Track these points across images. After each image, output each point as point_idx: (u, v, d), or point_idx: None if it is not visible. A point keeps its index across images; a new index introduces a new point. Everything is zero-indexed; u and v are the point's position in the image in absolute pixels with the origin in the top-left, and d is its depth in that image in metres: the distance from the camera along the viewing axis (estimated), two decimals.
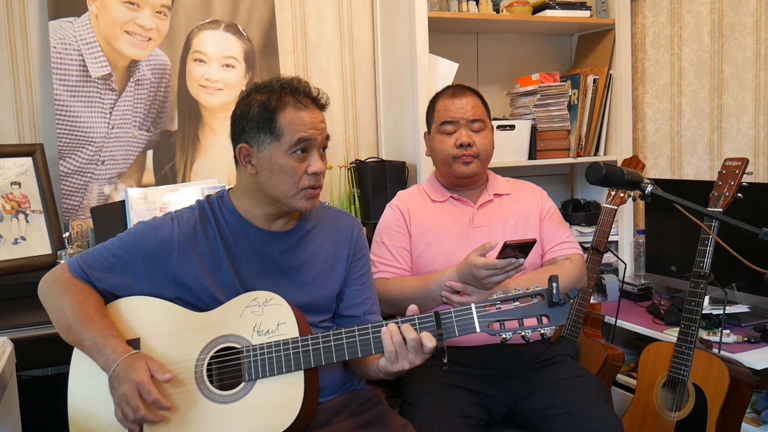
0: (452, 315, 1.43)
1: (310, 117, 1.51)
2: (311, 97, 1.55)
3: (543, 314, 1.41)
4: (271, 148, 1.50)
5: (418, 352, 1.41)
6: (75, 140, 2.37)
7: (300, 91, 1.53)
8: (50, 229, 2.25)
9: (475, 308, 1.42)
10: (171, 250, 1.54)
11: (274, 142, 1.50)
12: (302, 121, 1.50)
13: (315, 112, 1.54)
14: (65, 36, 2.34)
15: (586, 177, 1.59)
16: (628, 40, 2.99)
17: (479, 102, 2.03)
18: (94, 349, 1.44)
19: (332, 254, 1.65)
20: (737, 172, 2.05)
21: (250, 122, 1.51)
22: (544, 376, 1.86)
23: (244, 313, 1.50)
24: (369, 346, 1.44)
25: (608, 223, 2.43)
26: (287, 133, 1.49)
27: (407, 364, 1.41)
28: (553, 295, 1.39)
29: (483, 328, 1.41)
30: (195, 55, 2.55)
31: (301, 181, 1.52)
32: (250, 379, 1.45)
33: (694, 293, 2.02)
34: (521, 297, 1.42)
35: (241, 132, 1.54)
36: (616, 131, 3.01)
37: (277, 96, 1.51)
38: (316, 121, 1.52)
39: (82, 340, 1.46)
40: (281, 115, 1.49)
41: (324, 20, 2.84)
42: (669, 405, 2.05)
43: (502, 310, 1.42)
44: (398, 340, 1.41)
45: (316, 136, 1.52)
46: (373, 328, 1.45)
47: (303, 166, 1.51)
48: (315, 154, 1.53)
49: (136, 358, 1.41)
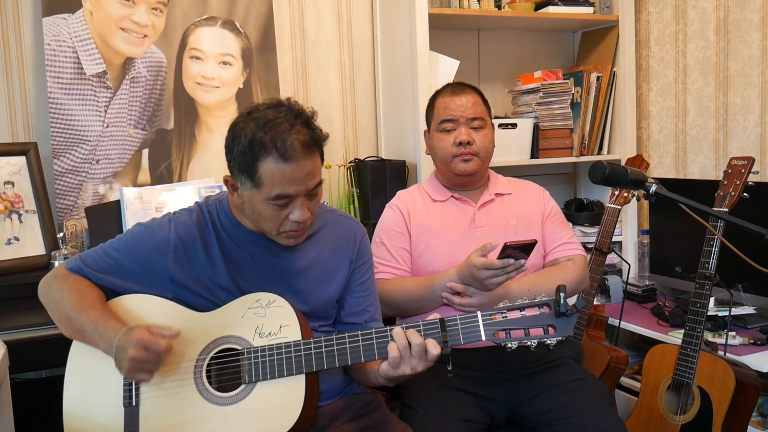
0: (458, 322, 1.43)
1: (293, 172, 1.40)
2: (299, 140, 1.41)
3: (550, 324, 1.41)
4: (251, 193, 1.45)
5: (421, 357, 1.41)
6: (69, 139, 2.37)
7: (286, 134, 1.40)
8: (44, 229, 2.25)
9: (481, 316, 1.42)
10: (167, 254, 1.54)
11: (253, 188, 1.43)
12: (284, 176, 1.40)
13: (301, 163, 1.41)
14: (59, 33, 2.34)
15: (589, 176, 1.59)
16: (632, 37, 2.99)
17: (479, 100, 2.03)
18: (95, 333, 1.44)
19: (334, 260, 1.63)
20: (743, 172, 2.05)
21: (234, 160, 1.45)
22: (547, 378, 1.86)
23: (246, 315, 1.50)
24: (372, 351, 1.44)
25: (612, 224, 2.44)
26: (267, 185, 1.41)
27: (409, 370, 1.41)
28: (560, 305, 1.39)
29: (489, 337, 1.41)
30: (191, 52, 2.55)
31: (282, 225, 1.48)
32: (250, 381, 1.45)
33: (699, 294, 2.02)
34: (528, 306, 1.42)
35: (228, 163, 1.48)
36: (620, 130, 3.01)
37: (260, 140, 1.39)
38: (299, 176, 1.41)
39: (83, 326, 1.46)
40: (262, 165, 1.40)
41: (322, 16, 2.84)
42: (674, 408, 2.05)
43: (508, 318, 1.42)
44: (403, 343, 1.41)
45: (297, 193, 1.43)
46: (377, 333, 1.45)
47: (284, 213, 1.46)
48: (298, 202, 1.45)
49: (134, 327, 1.41)
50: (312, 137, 1.44)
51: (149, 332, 1.38)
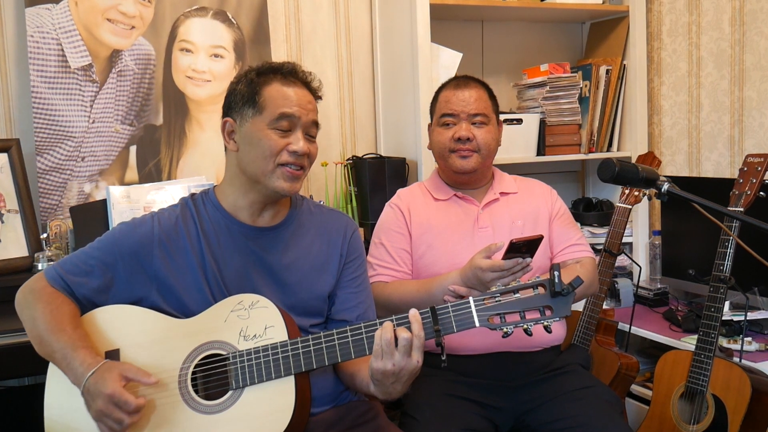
0: (449, 309, 1.43)
1: (296, 94, 1.54)
2: (301, 78, 1.58)
3: (545, 306, 1.41)
4: (252, 121, 1.53)
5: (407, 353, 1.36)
6: (53, 135, 2.37)
7: (290, 69, 1.56)
8: (27, 229, 2.25)
9: (474, 301, 1.43)
10: (151, 249, 1.55)
11: (255, 115, 1.53)
12: (286, 97, 1.53)
13: (303, 91, 1.56)
14: (43, 24, 2.34)
15: (598, 174, 1.59)
16: (643, 29, 2.99)
17: (484, 95, 2.03)
18: (63, 362, 1.45)
19: (323, 254, 1.65)
20: (759, 169, 2.05)
21: (236, 96, 1.56)
22: (554, 386, 1.86)
23: (229, 318, 1.50)
24: (362, 347, 1.44)
25: (622, 224, 2.44)
26: (269, 107, 1.52)
27: (390, 365, 1.36)
28: (555, 284, 1.39)
29: (482, 323, 1.41)
30: (181, 44, 2.55)
31: (279, 156, 1.52)
32: (237, 387, 1.45)
33: (713, 298, 2.02)
34: (522, 288, 1.42)
35: (228, 107, 1.59)
36: (631, 125, 3.02)
37: (266, 70, 1.56)
38: (302, 100, 1.55)
39: (52, 351, 1.46)
40: (266, 89, 1.53)
41: (319, 7, 2.84)
42: (687, 417, 2.05)
43: (501, 302, 1.42)
44: (387, 338, 1.36)
45: (300, 114, 1.54)
46: (366, 328, 1.45)
47: (283, 141, 1.53)
48: (299, 132, 1.54)
49: (106, 369, 1.40)
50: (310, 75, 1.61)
51: (123, 381, 1.38)
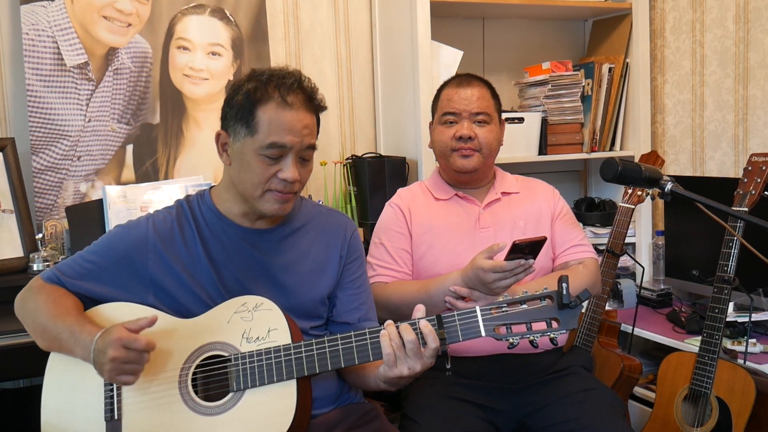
0: (456, 318, 1.43)
1: (291, 120, 1.48)
2: (303, 94, 1.51)
3: (552, 317, 1.41)
4: (243, 142, 1.50)
5: (417, 355, 1.40)
6: (49, 134, 2.37)
7: (290, 86, 1.49)
8: (22, 230, 2.25)
9: (480, 311, 1.43)
10: (146, 252, 1.55)
11: (247, 137, 1.49)
12: (281, 123, 1.47)
13: (301, 114, 1.49)
14: (38, 21, 2.34)
15: (600, 174, 1.58)
16: (646, 26, 2.99)
17: (487, 94, 2.03)
18: (71, 339, 1.45)
19: (322, 255, 1.65)
20: (764, 169, 2.05)
21: (232, 110, 1.51)
22: (556, 388, 1.86)
23: (232, 319, 1.50)
24: (366, 352, 1.44)
25: (625, 224, 2.44)
26: (262, 132, 1.47)
27: (406, 370, 1.40)
28: (563, 296, 1.39)
29: (489, 333, 1.41)
30: (178, 42, 2.55)
31: (268, 183, 1.50)
32: (238, 389, 1.45)
33: (717, 299, 2.02)
34: (529, 299, 1.43)
35: (224, 118, 1.55)
36: (634, 124, 3.02)
37: (264, 87, 1.49)
38: (297, 126, 1.48)
39: (58, 333, 1.46)
40: (261, 110, 1.47)
41: (318, 4, 2.84)
42: (690, 420, 2.05)
43: (508, 313, 1.42)
44: (397, 343, 1.40)
45: (293, 144, 1.48)
46: (370, 333, 1.45)
47: (273, 169, 1.49)
48: (290, 159, 1.49)
49: (110, 327, 1.41)
50: (311, 99, 1.53)
51: (126, 329, 1.38)
